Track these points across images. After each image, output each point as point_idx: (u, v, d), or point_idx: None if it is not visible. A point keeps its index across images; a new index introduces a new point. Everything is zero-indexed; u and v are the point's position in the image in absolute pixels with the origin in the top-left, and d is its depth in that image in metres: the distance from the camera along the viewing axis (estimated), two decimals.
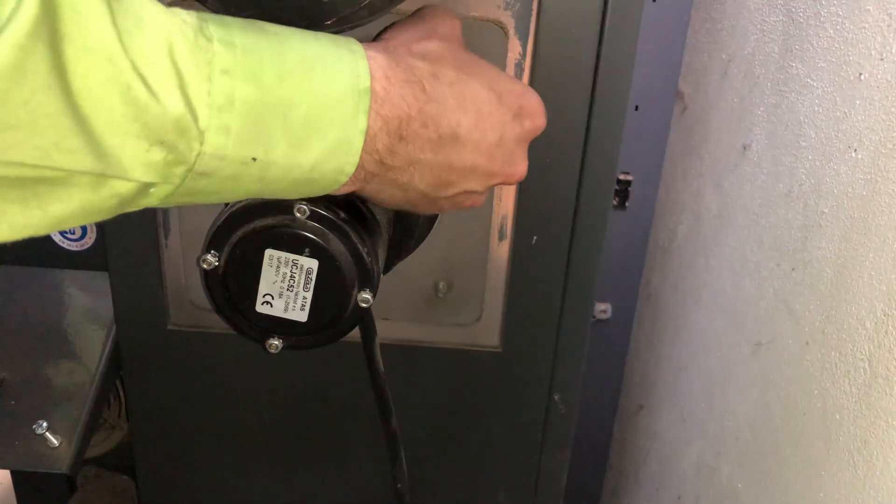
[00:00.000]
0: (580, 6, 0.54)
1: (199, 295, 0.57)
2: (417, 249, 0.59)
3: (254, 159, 0.33)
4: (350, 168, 0.36)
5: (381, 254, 0.46)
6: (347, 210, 0.43)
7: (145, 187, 0.31)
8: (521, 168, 0.45)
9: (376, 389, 0.52)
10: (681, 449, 0.82)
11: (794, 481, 0.56)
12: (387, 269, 0.52)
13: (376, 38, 0.43)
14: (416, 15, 0.44)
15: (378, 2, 0.45)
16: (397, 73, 0.37)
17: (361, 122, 0.35)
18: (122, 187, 0.30)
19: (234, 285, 0.42)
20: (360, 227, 0.43)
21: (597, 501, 1.14)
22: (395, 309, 0.65)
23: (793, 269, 0.59)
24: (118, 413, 0.81)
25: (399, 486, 0.58)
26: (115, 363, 0.67)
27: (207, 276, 0.42)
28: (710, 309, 0.76)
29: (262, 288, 0.42)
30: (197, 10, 0.34)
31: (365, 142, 0.36)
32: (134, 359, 0.69)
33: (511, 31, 0.55)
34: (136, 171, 0.30)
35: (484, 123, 0.40)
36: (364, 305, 0.43)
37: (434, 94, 0.38)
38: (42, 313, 0.68)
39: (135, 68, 0.29)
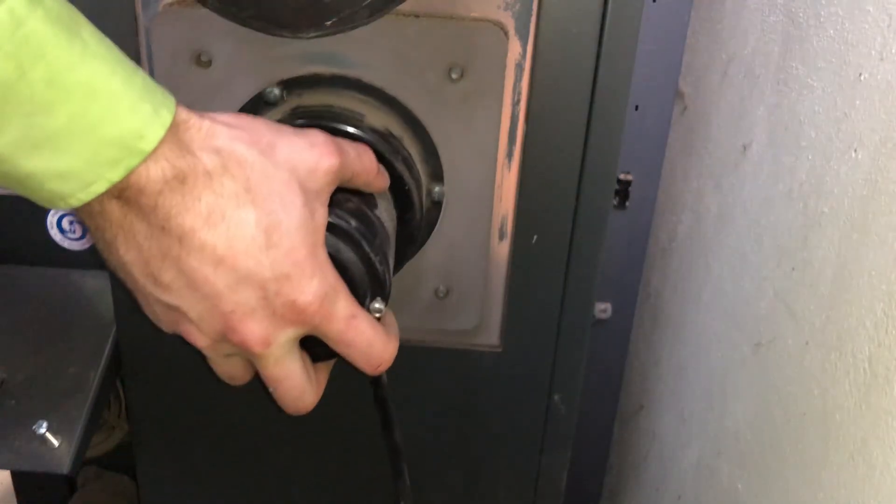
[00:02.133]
0: (580, 6, 0.54)
1: None
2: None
3: None
4: (76, 203, 0.34)
5: (391, 262, 0.46)
6: (358, 218, 0.43)
7: None
8: (251, 332, 0.38)
9: (379, 401, 0.51)
10: (681, 449, 0.82)
11: (794, 481, 0.57)
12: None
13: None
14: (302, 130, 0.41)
15: (379, 2, 0.45)
16: (176, 157, 0.35)
17: (115, 174, 0.33)
18: None
19: None
20: (370, 234, 0.43)
21: (597, 501, 1.14)
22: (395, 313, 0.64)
23: (793, 269, 0.59)
24: (118, 413, 0.81)
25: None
26: (116, 363, 0.67)
27: None
28: (710, 309, 0.76)
29: None
30: (197, 9, 0.34)
31: (106, 190, 0.34)
32: (134, 359, 0.69)
33: (511, 32, 0.55)
34: None
35: (227, 255, 0.36)
36: (377, 315, 0.42)
37: (193, 193, 0.35)
38: (42, 313, 0.68)
39: None
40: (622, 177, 0.92)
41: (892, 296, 0.46)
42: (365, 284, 0.42)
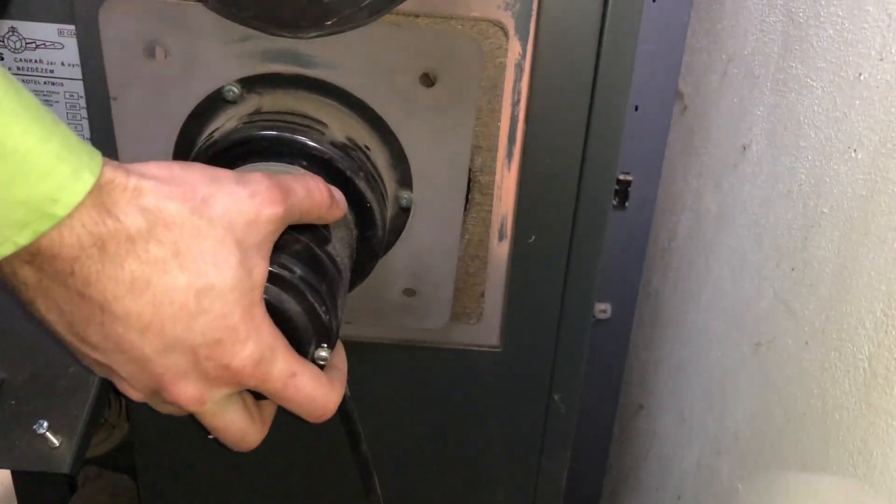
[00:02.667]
0: (580, 6, 0.54)
1: None
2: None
3: None
4: None
5: (342, 302, 0.45)
6: (305, 261, 0.41)
7: None
8: (183, 393, 0.37)
9: (343, 415, 0.49)
10: (681, 449, 0.82)
11: (794, 481, 0.57)
12: (350, 289, 0.51)
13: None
14: (241, 175, 0.39)
15: (379, 2, 0.45)
16: (95, 222, 0.33)
17: (23, 238, 0.32)
18: None
19: None
20: (317, 279, 0.41)
21: (597, 501, 1.14)
22: (358, 311, 0.63)
23: (792, 269, 0.59)
24: (119, 413, 0.81)
25: None
26: None
27: None
28: (710, 309, 0.76)
29: None
30: (196, 8, 0.33)
31: (14, 253, 0.32)
32: None
33: (511, 32, 0.55)
34: None
35: (153, 322, 0.34)
36: (321, 363, 0.41)
37: (115, 261, 0.33)
38: None
39: None
40: (622, 177, 0.92)
41: (892, 296, 0.46)
42: (309, 334, 0.41)
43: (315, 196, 0.42)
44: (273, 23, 0.46)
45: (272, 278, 0.39)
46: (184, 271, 0.35)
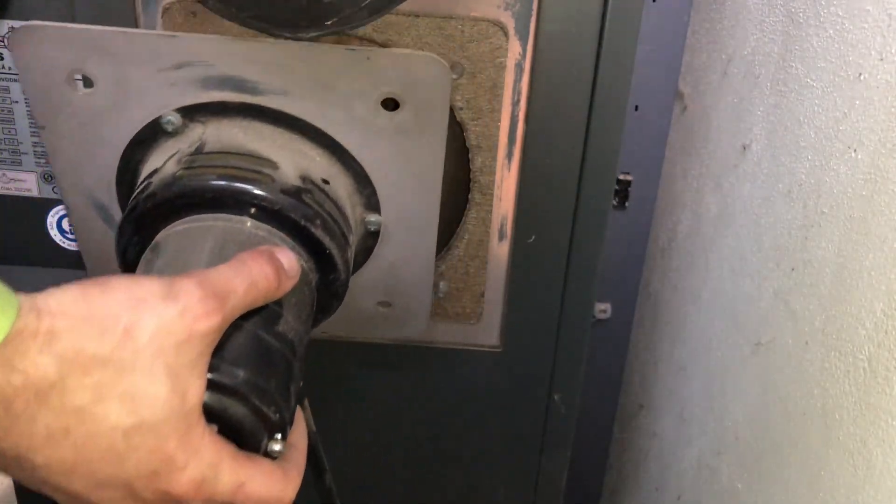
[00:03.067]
0: (580, 6, 0.54)
1: None
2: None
3: None
4: None
5: (295, 388, 0.43)
6: (248, 357, 0.39)
7: None
8: None
9: (309, 451, 0.48)
10: (681, 449, 0.82)
11: (794, 481, 0.57)
12: (313, 326, 0.49)
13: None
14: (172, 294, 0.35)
15: (379, 2, 0.45)
16: None
17: None
18: None
19: None
20: (264, 376, 0.39)
21: (597, 501, 1.14)
22: (333, 322, 0.59)
23: (792, 269, 0.59)
24: None
25: None
26: None
27: None
28: (710, 309, 0.76)
29: None
30: (196, 8, 0.33)
31: None
32: None
33: (511, 32, 0.55)
34: None
35: (78, 465, 0.33)
36: (275, 456, 0.40)
37: (24, 416, 0.31)
38: None
39: None
40: (622, 177, 0.92)
41: (892, 295, 0.46)
42: (260, 433, 0.39)
43: (260, 286, 0.39)
44: (273, 23, 0.46)
45: (213, 387, 0.37)
46: (107, 415, 0.33)
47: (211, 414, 0.37)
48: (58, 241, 0.70)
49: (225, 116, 0.50)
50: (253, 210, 0.46)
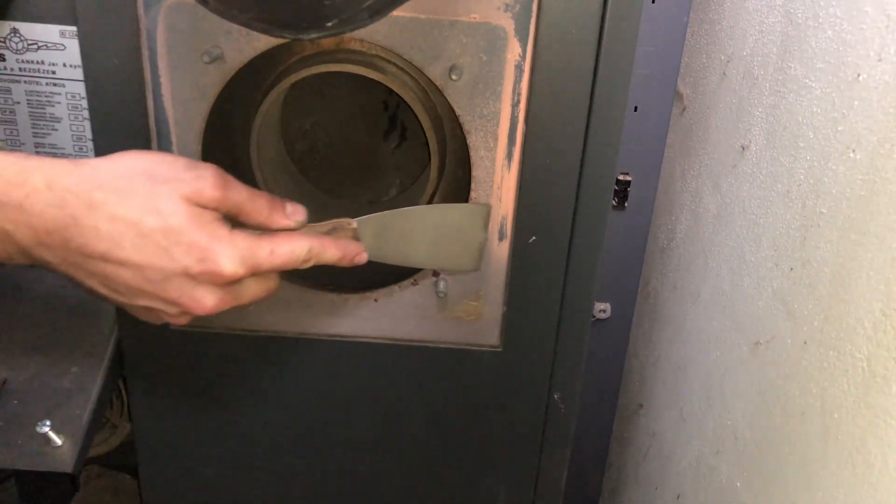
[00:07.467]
0: (580, 8, 0.55)
1: None
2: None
3: None
4: None
5: None
6: None
7: None
8: (205, 304, 0.46)
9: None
10: (680, 448, 0.82)
11: (793, 480, 0.57)
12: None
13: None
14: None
15: (379, 4, 0.45)
16: (48, 200, 0.42)
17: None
18: None
19: None
20: None
21: (597, 501, 1.15)
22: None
23: (791, 269, 0.59)
24: (120, 413, 0.81)
25: None
26: (118, 363, 0.67)
27: None
28: (709, 308, 0.77)
29: None
30: (196, 8, 0.34)
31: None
32: (136, 358, 0.69)
33: (511, 33, 0.55)
34: None
35: (141, 255, 0.43)
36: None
37: (85, 222, 0.42)
38: (44, 313, 0.68)
39: None
40: (621, 177, 0.92)
41: (891, 295, 0.46)
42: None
43: (257, 203, 0.48)
44: (274, 24, 0.46)
45: None
46: (146, 221, 0.43)
47: None
48: None
49: None
50: None
